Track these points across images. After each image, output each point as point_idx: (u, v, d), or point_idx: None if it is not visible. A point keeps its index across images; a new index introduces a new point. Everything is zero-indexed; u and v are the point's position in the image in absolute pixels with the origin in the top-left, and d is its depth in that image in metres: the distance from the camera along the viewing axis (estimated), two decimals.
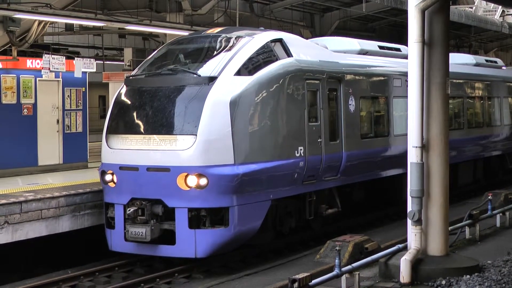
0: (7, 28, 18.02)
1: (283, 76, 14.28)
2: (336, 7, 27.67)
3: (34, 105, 19.49)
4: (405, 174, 17.66)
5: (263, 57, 14.33)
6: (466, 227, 15.16)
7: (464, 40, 38.15)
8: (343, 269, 11.03)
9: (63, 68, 19.49)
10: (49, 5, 17.46)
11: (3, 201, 13.83)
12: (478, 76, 23.55)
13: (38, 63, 19.54)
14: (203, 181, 13.03)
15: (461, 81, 22.23)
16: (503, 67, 27.10)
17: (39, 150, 19.53)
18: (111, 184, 13.84)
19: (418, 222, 11.76)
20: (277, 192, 14.09)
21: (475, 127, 23.05)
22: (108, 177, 13.87)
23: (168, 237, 13.31)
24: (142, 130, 13.56)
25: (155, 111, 13.49)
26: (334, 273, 10.87)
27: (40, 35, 19.62)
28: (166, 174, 13.14)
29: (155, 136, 13.35)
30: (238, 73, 13.66)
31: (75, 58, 20.43)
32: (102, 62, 28.10)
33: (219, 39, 14.67)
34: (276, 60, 14.39)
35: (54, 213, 14.50)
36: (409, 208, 11.86)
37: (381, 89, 18.10)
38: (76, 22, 21.53)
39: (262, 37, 14.68)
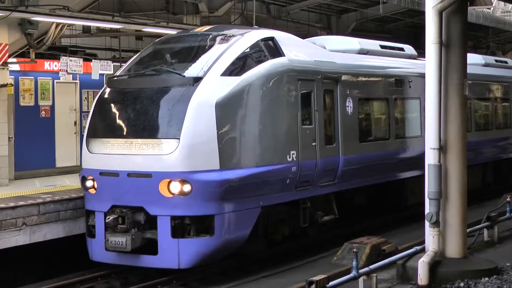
0: (25, 31, 18.12)
1: (274, 77, 13.63)
2: (353, 9, 27.63)
3: (52, 107, 19.59)
4: (408, 179, 17.87)
5: (253, 56, 13.70)
6: (484, 229, 15.08)
7: (481, 41, 37.98)
8: (361, 271, 11.00)
9: (81, 70, 19.57)
10: (66, 8, 17.52)
11: (21, 203, 13.90)
12: (487, 77, 22.93)
13: (55, 65, 19.65)
14: (187, 188, 12.41)
15: (469, 82, 21.91)
16: None
17: (56, 152, 19.64)
18: (92, 191, 13.27)
19: (436, 224, 11.71)
20: (267, 199, 13.46)
21: (484, 129, 22.44)
22: (88, 183, 13.30)
23: (152, 247, 12.74)
24: (123, 133, 12.93)
25: (137, 113, 12.88)
26: (351, 275, 10.84)
27: (58, 38, 19.69)
28: (147, 180, 12.53)
29: (136, 140, 12.74)
30: (225, 73, 13.03)
31: (93, 60, 20.51)
32: (119, 64, 28.20)
33: (207, 38, 14.03)
34: (267, 59, 13.73)
35: (72, 214, 14.55)
36: (426, 210, 11.81)
37: (381, 90, 17.47)
38: (93, 24, 21.58)
39: (252, 36, 14.04)
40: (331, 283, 10.20)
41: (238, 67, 13.23)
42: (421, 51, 29.05)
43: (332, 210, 15.54)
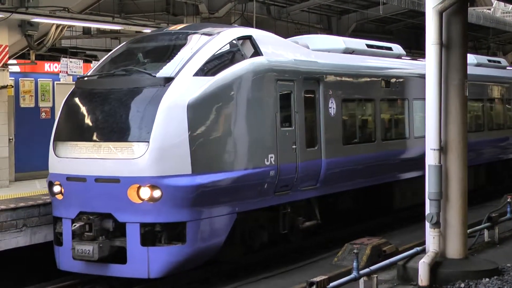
0: (25, 32, 18.13)
1: (251, 77, 13.06)
2: (353, 10, 27.64)
3: (52, 109, 19.58)
4: (396, 182, 17.57)
5: (228, 56, 13.13)
6: (485, 229, 15.07)
7: (482, 42, 38.00)
8: (361, 272, 11.00)
9: (81, 72, 19.55)
10: (67, 9, 17.53)
11: (22, 204, 13.89)
12: (479, 77, 22.17)
13: (56, 67, 19.65)
14: (157, 193, 11.83)
15: None
16: (508, 68, 26.01)
17: None
18: (59, 196, 12.68)
19: (436, 225, 11.70)
20: (244, 205, 12.88)
21: (476, 131, 21.79)
22: (56, 189, 12.71)
23: (123, 255, 12.15)
24: (91, 136, 12.35)
25: (105, 115, 12.33)
26: (352, 276, 10.84)
27: (58, 39, 19.71)
28: (116, 185, 11.94)
29: (104, 143, 12.17)
30: (199, 73, 12.45)
31: (93, 62, 20.50)
32: None
33: (181, 36, 13.50)
34: (244, 59, 13.16)
35: None
36: (427, 211, 11.80)
37: (367, 91, 16.84)
38: (93, 25, 21.62)
39: (228, 34, 13.45)
40: (331, 284, 10.20)
41: (212, 67, 12.71)
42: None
43: (315, 215, 15.01)
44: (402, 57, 19.04)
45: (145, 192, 11.87)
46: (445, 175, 11.86)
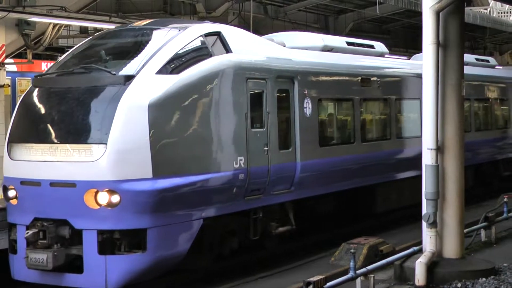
0: (22, 31, 18.15)
1: (218, 75, 12.39)
2: (350, 9, 27.67)
3: None
4: (379, 185, 16.95)
5: (194, 53, 12.44)
6: (482, 229, 15.08)
7: (479, 41, 38.06)
8: (358, 271, 11.00)
9: None
10: (63, 8, 17.55)
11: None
12: (465, 77, 21.94)
13: None
14: (115, 198, 11.12)
15: None
16: (496, 67, 25.46)
17: None
18: (13, 201, 11.92)
19: (433, 224, 11.71)
20: (210, 210, 12.21)
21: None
22: (10, 193, 11.94)
23: (81, 264, 11.44)
24: (47, 138, 11.60)
25: (62, 116, 11.61)
26: (349, 275, 10.84)
27: (55, 38, 19.71)
28: (72, 190, 11.24)
29: (61, 145, 11.45)
30: (162, 71, 11.76)
31: None
32: None
33: (146, 32, 12.84)
34: (211, 56, 12.50)
35: None
36: (424, 211, 11.81)
37: (346, 90, 16.04)
38: (90, 25, 21.59)
39: (194, 30, 12.75)
40: (328, 284, 10.20)
41: (176, 64, 12.02)
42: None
43: (289, 220, 14.36)
44: (385, 56, 18.58)
45: (103, 197, 11.16)
46: (442, 174, 11.87)
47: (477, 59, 23.66)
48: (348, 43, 17.06)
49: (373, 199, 17.27)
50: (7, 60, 18.15)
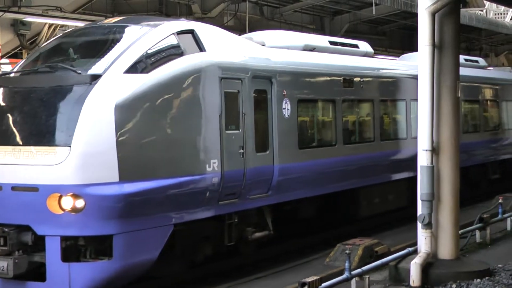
0: (18, 31, 18.13)
1: (190, 74, 11.87)
2: (346, 10, 27.68)
3: None
4: (362, 188, 16.42)
5: (165, 51, 11.94)
6: (477, 230, 15.11)
7: (474, 43, 38.11)
8: (353, 272, 11.01)
9: None
10: (59, 9, 17.53)
11: None
12: None
13: None
14: (80, 203, 10.56)
15: None
16: (488, 68, 25.03)
17: None
18: None
19: (428, 225, 11.73)
20: (182, 215, 11.69)
21: None
22: None
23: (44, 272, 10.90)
24: (10, 140, 11.03)
25: (25, 117, 11.10)
26: (344, 276, 10.86)
27: (51, 38, 19.69)
28: (34, 194, 10.68)
29: (24, 147, 10.88)
30: (130, 70, 11.23)
31: None
32: None
33: (115, 30, 12.27)
34: (183, 55, 11.99)
35: None
36: (419, 212, 11.83)
37: (327, 91, 15.45)
38: None
39: (166, 28, 12.23)
40: (323, 285, 10.22)
41: (146, 63, 11.52)
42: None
43: (267, 226, 13.87)
44: (370, 56, 18.03)
45: (67, 202, 10.59)
46: (437, 176, 11.88)
47: (466, 60, 23.06)
48: (331, 43, 16.55)
49: (357, 203, 16.80)
50: (3, 60, 18.13)
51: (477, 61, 23.82)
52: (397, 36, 33.33)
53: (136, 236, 11.00)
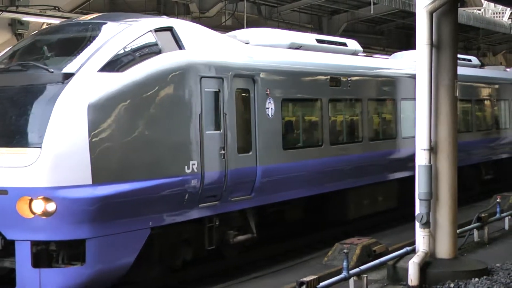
0: (15, 31, 18.12)
1: (168, 73, 11.47)
2: (344, 10, 27.69)
3: None
4: (350, 190, 15.97)
5: (142, 49, 11.56)
6: (475, 230, 15.12)
7: (472, 42, 38.14)
8: (351, 271, 11.01)
9: None
10: (57, 8, 17.52)
11: None
12: None
13: None
14: (51, 207, 10.14)
15: None
16: (481, 67, 24.54)
17: None
18: None
19: (426, 224, 11.73)
20: (159, 218, 11.28)
21: None
22: None
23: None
24: None
25: None
26: (342, 275, 10.85)
27: None
28: (3, 197, 10.27)
29: None
30: (105, 69, 10.84)
31: None
32: None
33: (91, 27, 11.86)
34: (161, 53, 11.61)
35: None
36: (417, 211, 11.83)
37: (313, 90, 15.06)
38: None
39: (143, 25, 11.86)
40: (321, 284, 10.21)
41: (121, 61, 11.11)
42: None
43: (250, 228, 13.52)
44: (359, 54, 17.75)
45: (37, 206, 10.18)
46: (435, 175, 11.89)
47: (458, 58, 22.73)
48: (318, 41, 16.16)
49: (345, 205, 16.42)
50: None
51: (470, 60, 23.47)
52: (395, 36, 33.35)
53: (110, 240, 10.60)
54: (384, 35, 32.66)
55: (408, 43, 31.48)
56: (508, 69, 27.16)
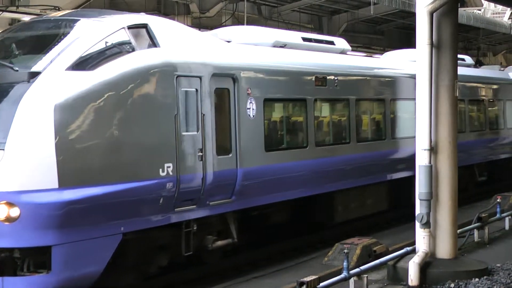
0: None
1: (141, 72, 10.98)
2: (344, 10, 27.69)
3: None
4: (336, 192, 15.53)
5: (114, 47, 11.05)
6: (475, 230, 15.12)
7: (472, 42, 38.14)
8: (351, 272, 11.01)
9: None
10: (57, 8, 17.51)
11: None
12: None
13: None
14: (14, 212, 9.63)
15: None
16: (473, 66, 24.06)
17: None
18: None
19: (426, 225, 11.73)
20: (132, 223, 10.80)
21: None
22: None
23: None
24: None
25: None
26: (342, 276, 10.85)
27: None
28: None
29: None
30: (73, 67, 10.34)
31: None
32: None
33: (62, 24, 11.29)
34: (134, 51, 11.14)
35: None
36: (417, 211, 11.83)
37: (297, 90, 14.56)
38: None
39: (115, 22, 11.33)
40: (321, 284, 10.21)
41: (91, 60, 10.62)
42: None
43: (230, 233, 13.07)
44: (347, 53, 17.29)
45: (0, 211, 9.70)
46: (435, 175, 11.88)
47: None
48: (304, 39, 15.73)
49: (332, 208, 15.98)
50: None
51: (463, 59, 23.00)
52: (395, 36, 33.35)
53: (78, 247, 10.08)
54: (384, 35, 32.66)
55: (409, 43, 31.48)
56: (503, 69, 26.86)
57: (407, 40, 32.42)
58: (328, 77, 15.35)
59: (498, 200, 16.85)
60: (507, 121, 24.37)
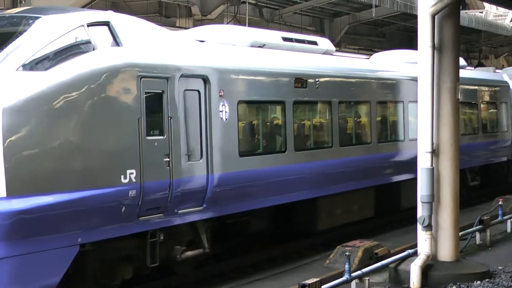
0: None
1: (102, 72, 10.31)
2: (346, 12, 27.71)
3: None
4: (318, 198, 14.87)
5: (72, 46, 10.32)
6: (477, 232, 15.10)
7: (474, 45, 38.16)
8: (353, 274, 11.00)
9: None
10: None
11: None
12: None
13: None
14: None
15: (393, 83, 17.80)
16: (467, 68, 23.57)
17: None
18: None
19: (428, 227, 11.72)
20: (90, 234, 10.11)
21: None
22: None
23: None
24: None
25: None
26: (343, 278, 10.84)
27: None
28: None
29: None
30: (25, 67, 9.67)
31: None
32: None
33: (16, 21, 10.54)
34: (93, 50, 10.46)
35: None
36: (419, 214, 11.82)
37: (274, 92, 13.88)
38: None
39: (74, 19, 10.60)
40: (323, 287, 10.20)
41: (45, 59, 9.94)
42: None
43: (201, 243, 12.42)
44: (332, 54, 16.71)
45: None
46: (437, 177, 11.88)
47: None
48: (285, 39, 15.16)
49: (314, 215, 15.31)
50: None
51: None
52: (396, 38, 33.36)
53: (29, 259, 9.42)
54: (386, 38, 32.67)
55: (410, 45, 31.49)
56: (498, 71, 26.39)
57: (409, 42, 32.42)
58: (309, 79, 14.72)
59: (500, 203, 16.84)
60: (500, 124, 23.72)
